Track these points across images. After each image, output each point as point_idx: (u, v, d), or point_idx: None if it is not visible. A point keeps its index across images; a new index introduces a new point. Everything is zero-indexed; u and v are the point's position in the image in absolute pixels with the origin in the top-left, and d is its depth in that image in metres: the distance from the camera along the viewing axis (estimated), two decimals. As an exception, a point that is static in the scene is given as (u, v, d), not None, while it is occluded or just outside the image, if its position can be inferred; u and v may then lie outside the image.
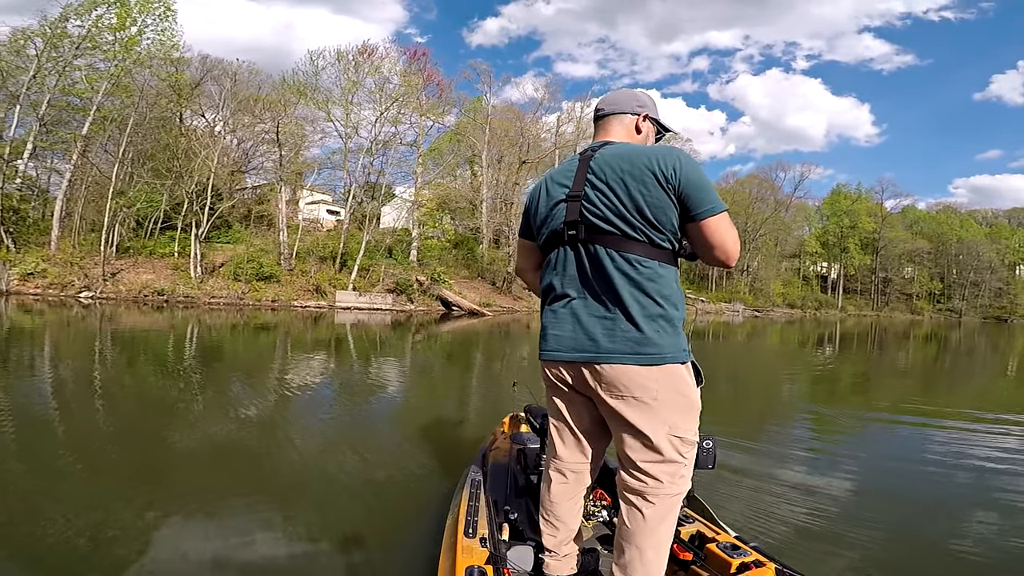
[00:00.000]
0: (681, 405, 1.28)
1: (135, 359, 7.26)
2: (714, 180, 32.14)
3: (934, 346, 18.25)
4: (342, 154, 23.10)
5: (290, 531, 2.34)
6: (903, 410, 6.11)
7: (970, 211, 64.80)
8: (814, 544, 2.38)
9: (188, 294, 16.73)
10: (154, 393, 5.17)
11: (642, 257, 1.27)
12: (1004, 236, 58.70)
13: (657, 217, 1.26)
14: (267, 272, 17.88)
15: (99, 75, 18.19)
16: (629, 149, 1.34)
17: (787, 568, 1.37)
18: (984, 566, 2.27)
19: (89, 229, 18.88)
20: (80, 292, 16.32)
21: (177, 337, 9.64)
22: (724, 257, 1.30)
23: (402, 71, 23.72)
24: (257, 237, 20.89)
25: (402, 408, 5.37)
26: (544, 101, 32.92)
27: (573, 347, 1.32)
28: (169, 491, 2.71)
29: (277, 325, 12.65)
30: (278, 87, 22.34)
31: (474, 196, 29.35)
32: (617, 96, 1.50)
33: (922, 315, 51.47)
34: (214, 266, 18.43)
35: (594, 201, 1.30)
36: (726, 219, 1.29)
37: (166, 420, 4.13)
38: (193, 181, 18.24)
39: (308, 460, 3.37)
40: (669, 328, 1.28)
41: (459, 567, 1.36)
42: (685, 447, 1.30)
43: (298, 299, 17.78)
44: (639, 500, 1.29)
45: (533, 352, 10.26)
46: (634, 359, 1.25)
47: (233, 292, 17.08)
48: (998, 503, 3.03)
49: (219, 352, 8.38)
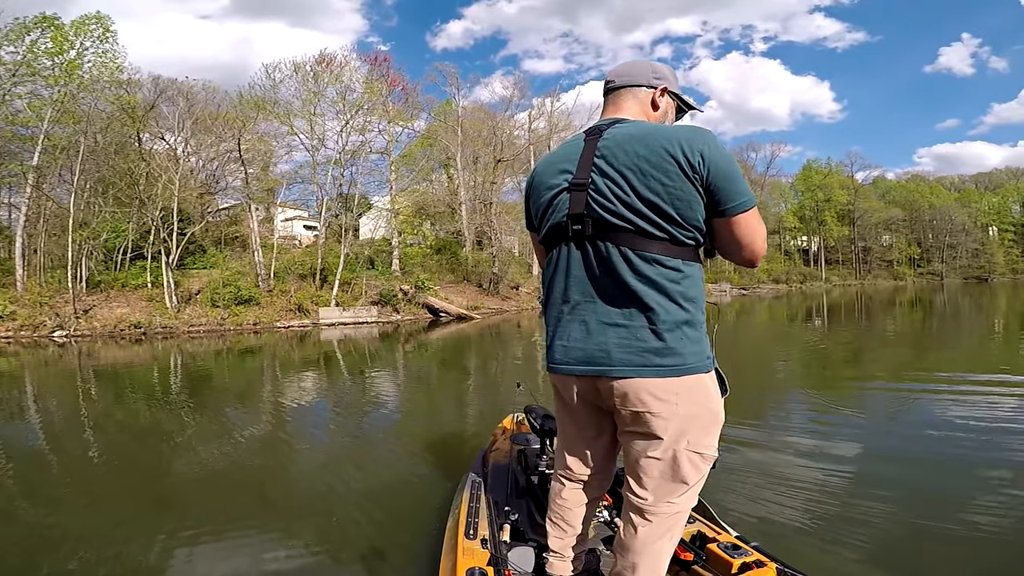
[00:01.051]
0: (702, 418, 1.15)
1: (123, 393, 7.12)
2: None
3: (920, 311, 18.54)
4: (310, 167, 22.57)
5: (295, 543, 2.37)
6: (901, 379, 6.18)
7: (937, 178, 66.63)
8: (815, 537, 2.34)
9: (166, 325, 16.12)
10: (147, 424, 5.10)
11: (663, 256, 1.11)
12: (973, 200, 60.30)
13: (681, 212, 1.10)
14: (245, 295, 17.31)
15: (43, 102, 17.42)
16: (646, 129, 1.15)
17: (788, 568, 1.34)
18: (992, 543, 2.22)
19: (55, 265, 18.14)
20: (53, 332, 15.61)
21: (161, 368, 9.40)
22: (752, 256, 1.17)
23: (364, 78, 23.28)
24: (233, 260, 20.28)
25: (400, 416, 5.32)
26: (514, 99, 32.75)
27: (583, 359, 1.18)
28: (174, 517, 2.71)
29: (262, 348, 12.32)
30: (236, 104, 21.71)
31: (452, 199, 29.03)
32: (631, 66, 1.30)
33: (904, 280, 52.62)
34: (190, 294, 17.81)
35: (603, 191, 1.13)
36: (756, 214, 1.14)
37: (164, 449, 4.12)
38: (157, 207, 17.60)
39: (310, 476, 3.38)
40: (694, 335, 1.13)
41: (460, 568, 1.34)
42: (703, 463, 1.18)
43: (280, 320, 17.24)
44: (637, 517, 1.19)
45: (526, 352, 10.41)
46: (652, 371, 1.11)
47: (212, 319, 16.47)
48: (1002, 474, 2.97)
49: (207, 379, 8.18)
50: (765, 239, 1.17)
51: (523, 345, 11.93)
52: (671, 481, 1.16)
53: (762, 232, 1.16)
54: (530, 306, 25.25)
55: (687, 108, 1.37)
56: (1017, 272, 56.81)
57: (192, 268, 20.10)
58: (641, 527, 1.18)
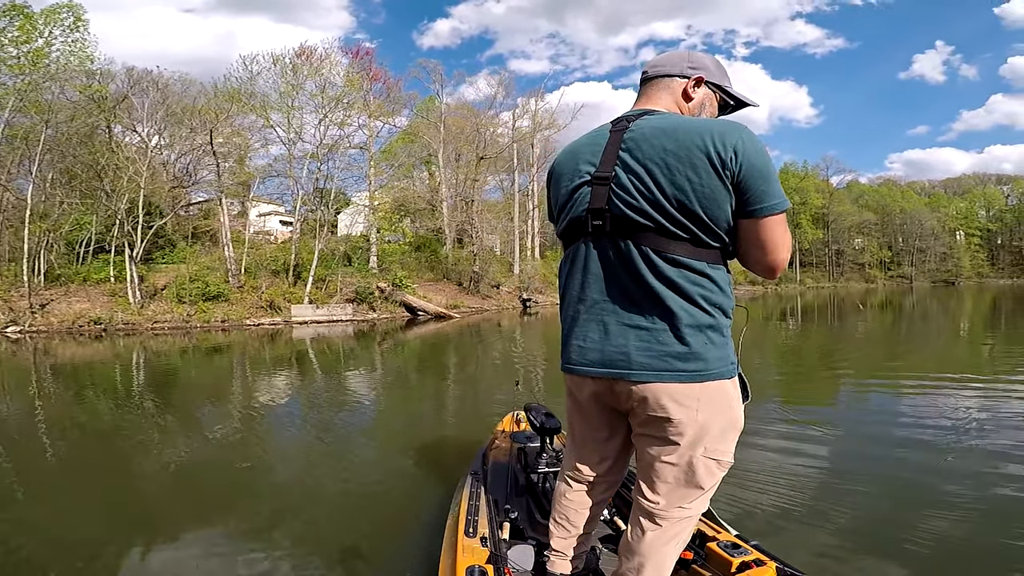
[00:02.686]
0: (722, 425, 1.11)
1: (83, 392, 6.85)
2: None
3: (890, 314, 19.01)
4: (286, 161, 21.99)
5: (288, 540, 2.34)
6: (873, 381, 6.30)
7: (908, 183, 68.57)
8: (798, 532, 2.38)
9: (128, 321, 15.46)
10: (110, 424, 4.91)
11: (687, 258, 1.06)
12: (942, 205, 62.24)
13: (709, 211, 1.03)
14: (214, 291, 16.72)
15: (6, 91, 16.65)
16: (675, 122, 1.08)
17: (788, 567, 1.34)
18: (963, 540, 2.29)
19: (16, 258, 17.29)
20: (6, 327, 14.86)
21: (124, 366, 9.11)
22: (774, 264, 1.10)
23: (345, 72, 22.78)
24: (203, 255, 19.64)
25: (389, 416, 5.23)
26: (498, 97, 32.51)
27: (600, 361, 1.13)
28: (143, 520, 2.62)
29: (231, 346, 11.96)
30: (209, 96, 21.03)
31: (433, 196, 28.68)
32: (667, 56, 1.24)
33: (876, 283, 54.05)
34: (156, 289, 17.15)
35: (626, 186, 1.08)
36: (784, 220, 1.08)
37: (129, 450, 3.96)
38: (123, 199, 16.90)
39: (299, 474, 3.32)
40: (719, 339, 1.08)
41: (460, 567, 1.34)
42: (719, 469, 1.15)
43: (250, 317, 16.71)
44: (647, 521, 1.16)
45: (506, 351, 10.34)
46: (674, 376, 1.06)
47: (178, 315, 15.86)
48: (973, 471, 3.07)
49: (172, 378, 7.96)
50: (789, 248, 1.10)
51: (503, 345, 11.84)
52: (685, 486, 1.13)
53: (788, 240, 1.09)
54: (511, 305, 25.09)
55: (735, 106, 1.27)
56: (982, 276, 58.85)
57: (161, 263, 19.41)
58: (650, 531, 1.15)
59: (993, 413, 4.34)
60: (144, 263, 18.21)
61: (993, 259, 62.84)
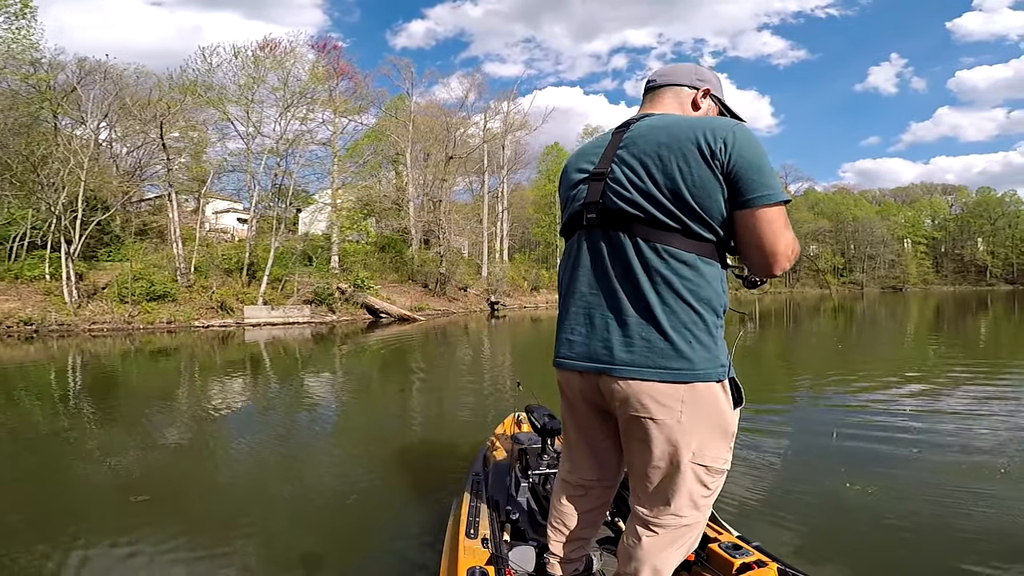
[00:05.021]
0: (710, 429, 1.08)
1: (13, 395, 6.42)
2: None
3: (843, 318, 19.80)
4: (244, 156, 21.10)
5: (288, 544, 2.32)
6: (828, 385, 6.35)
7: (861, 192, 71.86)
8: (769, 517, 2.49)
9: (63, 322, 14.41)
10: (44, 430, 4.62)
11: (677, 249, 1.05)
12: (892, 213, 65.48)
13: (699, 201, 1.03)
14: (159, 291, 15.79)
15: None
16: (672, 119, 1.12)
17: (789, 568, 1.33)
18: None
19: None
20: (-80, 329, 13.63)
21: (59, 369, 8.52)
22: (771, 259, 1.05)
23: (310, 66, 22.06)
24: (152, 253, 18.59)
25: (376, 416, 5.21)
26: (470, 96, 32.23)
27: (586, 355, 1.13)
28: (79, 532, 2.48)
29: (178, 349, 11.32)
30: (161, 87, 20.00)
31: (399, 196, 28.14)
32: (675, 67, 1.28)
33: (830, 289, 56.23)
34: (96, 288, 16.10)
35: (620, 179, 1.10)
36: (782, 215, 1.05)
37: (66, 457, 3.75)
38: (62, 193, 15.79)
39: (293, 477, 3.29)
40: (706, 339, 1.06)
41: (461, 568, 1.34)
42: (710, 476, 1.11)
43: (199, 318, 15.87)
44: (642, 528, 1.14)
45: (476, 355, 10.13)
46: (657, 374, 1.04)
47: (119, 316, 14.90)
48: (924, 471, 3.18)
49: (113, 381, 7.54)
50: (790, 247, 1.05)
51: (472, 349, 11.61)
52: (674, 494, 1.10)
53: (786, 238, 1.04)
54: (478, 308, 24.82)
55: (731, 117, 1.28)
56: (928, 283, 62.18)
57: (106, 260, 18.28)
58: (645, 538, 1.13)
59: (934, 408, 4.72)
60: (86, 260, 17.11)
61: (938, 266, 66.50)
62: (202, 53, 20.18)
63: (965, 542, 2.27)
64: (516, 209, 37.47)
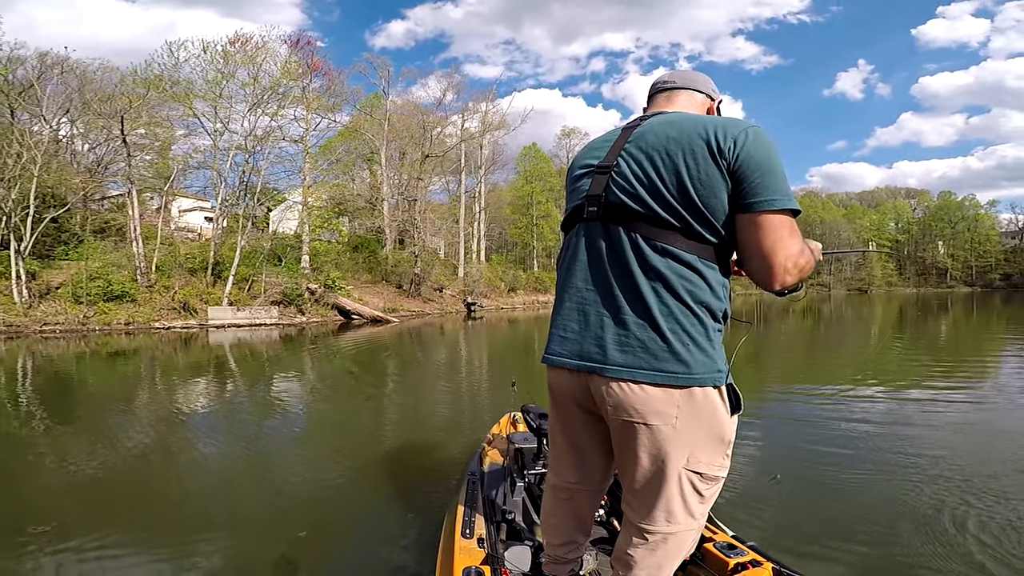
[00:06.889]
0: (706, 436, 1.04)
1: None
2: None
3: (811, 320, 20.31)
4: (210, 152, 20.43)
5: (287, 545, 2.32)
6: (798, 388, 6.40)
7: (828, 195, 73.96)
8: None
9: (11, 323, 13.67)
10: None
11: (677, 249, 1.01)
12: (858, 216, 67.52)
13: (704, 199, 1.00)
14: (117, 291, 15.13)
15: None
16: (684, 115, 1.09)
17: (784, 567, 1.33)
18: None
19: None
20: None
21: (8, 372, 8.18)
22: (770, 269, 0.99)
23: (283, 61, 21.51)
24: (112, 251, 17.83)
25: (353, 419, 5.13)
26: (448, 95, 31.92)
27: (577, 353, 1.09)
28: (33, 540, 2.39)
29: (137, 351, 10.88)
30: (124, 81, 19.25)
31: (373, 195, 27.70)
32: (694, 73, 1.26)
33: (799, 290, 57.73)
34: (49, 287, 15.35)
35: (625, 173, 1.06)
36: (788, 224, 0.98)
37: (16, 462, 3.65)
38: (13, 189, 15.01)
39: (289, 478, 3.28)
40: (704, 342, 1.02)
41: (456, 568, 1.35)
42: (704, 484, 1.07)
43: (160, 320, 15.26)
44: (637, 536, 1.11)
45: (452, 358, 10.06)
46: (650, 376, 1.00)
47: (73, 317, 14.23)
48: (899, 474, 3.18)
49: (67, 384, 7.46)
50: (793, 260, 0.98)
51: (448, 351, 11.44)
52: (667, 501, 1.06)
53: (793, 248, 0.98)
54: (454, 309, 24.58)
55: None
56: (891, 285, 64.34)
57: (62, 259, 17.48)
58: (639, 543, 1.11)
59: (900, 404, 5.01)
60: (40, 259, 16.32)
61: (901, 269, 68.90)
62: (169, 48, 19.52)
63: (953, 537, 2.31)
64: (493, 210, 37.35)
